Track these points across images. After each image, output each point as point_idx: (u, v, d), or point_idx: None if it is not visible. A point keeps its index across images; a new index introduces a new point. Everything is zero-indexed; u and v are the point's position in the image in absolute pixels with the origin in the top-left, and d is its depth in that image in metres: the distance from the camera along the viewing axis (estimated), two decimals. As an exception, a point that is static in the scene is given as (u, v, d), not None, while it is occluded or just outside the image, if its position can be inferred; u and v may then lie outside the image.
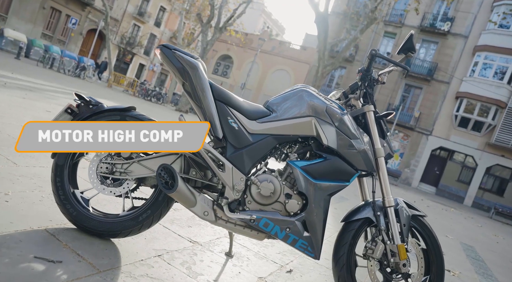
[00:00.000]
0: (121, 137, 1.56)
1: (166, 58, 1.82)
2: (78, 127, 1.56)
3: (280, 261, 2.28)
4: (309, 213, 1.70)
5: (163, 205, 1.78)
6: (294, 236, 1.69)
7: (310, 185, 1.70)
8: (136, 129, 1.58)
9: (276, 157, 1.84)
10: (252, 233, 1.73)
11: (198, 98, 1.79)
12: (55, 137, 1.53)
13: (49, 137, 1.51)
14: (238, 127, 1.77)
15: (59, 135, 1.52)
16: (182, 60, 1.81)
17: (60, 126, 1.55)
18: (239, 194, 1.71)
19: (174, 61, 1.82)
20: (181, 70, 1.80)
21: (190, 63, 1.81)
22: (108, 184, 1.77)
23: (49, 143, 1.50)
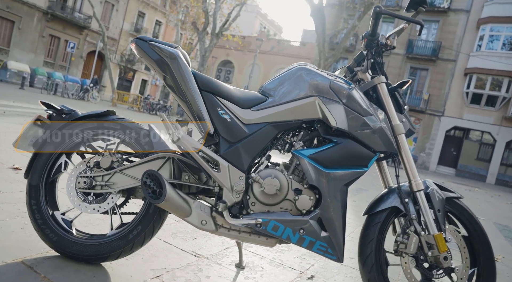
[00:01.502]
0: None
1: (142, 51, 1.59)
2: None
3: (299, 267, 2.02)
4: (325, 208, 1.44)
5: (154, 218, 1.54)
6: (310, 237, 1.44)
7: (321, 176, 1.44)
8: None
9: (279, 148, 1.59)
10: (261, 240, 1.48)
11: (181, 92, 1.55)
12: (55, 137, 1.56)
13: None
14: (231, 118, 1.53)
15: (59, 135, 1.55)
16: (159, 51, 1.58)
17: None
18: (240, 196, 1.46)
19: (150, 53, 1.59)
20: (159, 62, 1.57)
21: (168, 52, 1.57)
22: (90, 201, 1.54)
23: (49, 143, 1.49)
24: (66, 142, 1.61)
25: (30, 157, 1.58)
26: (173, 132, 1.48)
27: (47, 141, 1.59)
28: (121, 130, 1.61)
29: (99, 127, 1.61)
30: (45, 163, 1.58)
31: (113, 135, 1.63)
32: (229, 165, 1.47)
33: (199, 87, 1.56)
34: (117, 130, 1.61)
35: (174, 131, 1.48)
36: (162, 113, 1.50)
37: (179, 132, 1.49)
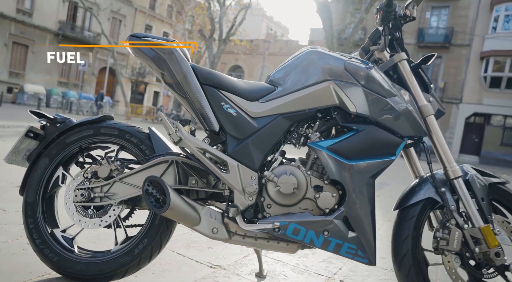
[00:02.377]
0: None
1: (137, 50, 1.47)
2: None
3: (325, 272, 1.84)
4: (350, 205, 1.26)
5: (161, 229, 1.39)
6: (336, 239, 1.26)
7: (344, 169, 1.27)
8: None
9: (294, 142, 1.42)
10: (280, 246, 1.32)
11: (181, 88, 1.41)
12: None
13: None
14: (237, 112, 1.37)
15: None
16: (154, 47, 1.44)
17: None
18: (253, 198, 1.30)
19: (146, 51, 1.46)
20: (155, 59, 1.44)
21: (163, 47, 1.43)
22: (90, 215, 1.41)
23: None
24: (62, 153, 1.48)
25: (25, 172, 1.46)
26: (174, 132, 1.33)
27: (42, 154, 1.47)
28: (119, 135, 1.48)
29: (95, 134, 1.48)
30: (41, 177, 1.46)
31: (111, 141, 1.50)
32: (239, 164, 1.32)
33: (199, 81, 1.41)
34: (115, 135, 1.48)
35: (174, 131, 1.33)
36: (161, 113, 1.36)
37: (181, 132, 1.35)
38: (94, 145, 1.52)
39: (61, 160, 1.49)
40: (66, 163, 1.52)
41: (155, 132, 1.49)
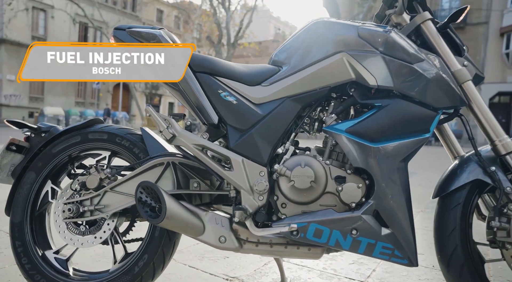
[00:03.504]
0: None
1: (122, 43, 1.30)
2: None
3: (357, 275, 1.61)
4: (381, 197, 1.05)
5: (163, 242, 1.21)
6: (368, 239, 1.05)
7: (369, 154, 1.06)
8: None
9: (307, 129, 1.22)
10: (301, 252, 1.11)
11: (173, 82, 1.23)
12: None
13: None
14: (237, 100, 1.18)
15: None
16: (139, 37, 1.28)
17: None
18: (264, 198, 1.10)
19: (131, 42, 1.29)
20: None
21: (148, 35, 1.27)
22: (83, 232, 1.24)
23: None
24: (49, 165, 1.33)
25: (10, 190, 1.31)
26: (165, 129, 1.15)
27: (27, 168, 1.32)
28: (109, 139, 1.31)
29: (83, 140, 1.32)
30: (28, 194, 1.30)
31: (102, 147, 1.33)
32: (244, 159, 1.12)
33: (191, 69, 1.23)
34: (104, 140, 1.32)
35: (166, 127, 1.15)
36: (148, 107, 1.19)
37: (174, 128, 1.17)
38: (84, 154, 1.36)
39: (49, 173, 1.33)
40: (55, 176, 1.36)
41: (148, 132, 1.31)
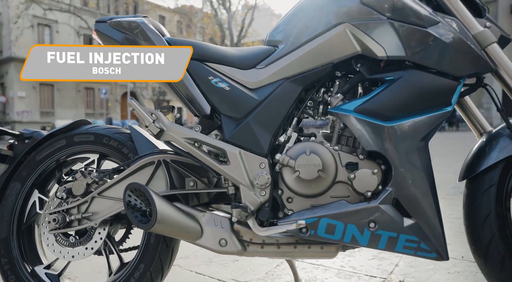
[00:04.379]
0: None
1: (104, 36, 1.20)
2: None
3: (379, 272, 1.47)
4: (400, 183, 0.92)
5: (160, 249, 1.10)
6: (388, 232, 0.91)
7: (383, 135, 0.92)
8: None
9: (311, 113, 1.09)
10: (313, 252, 0.98)
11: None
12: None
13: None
14: (230, 86, 1.06)
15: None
16: (121, 28, 1.17)
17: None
18: (266, 193, 0.98)
19: (113, 34, 1.19)
20: (124, 41, 1.17)
21: (130, 25, 1.16)
22: (72, 244, 1.13)
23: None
24: (34, 173, 1.23)
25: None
26: (151, 123, 1.03)
27: (11, 177, 1.22)
28: (96, 141, 1.20)
29: (69, 144, 1.22)
30: (13, 206, 1.21)
31: (89, 150, 1.23)
32: (241, 151, 1.00)
33: (178, 57, 1.11)
34: (91, 142, 1.21)
35: (152, 121, 1.04)
36: (132, 100, 1.07)
37: (162, 121, 1.05)
38: (71, 159, 1.26)
39: (35, 182, 1.23)
40: (42, 184, 1.26)
41: (137, 130, 1.20)
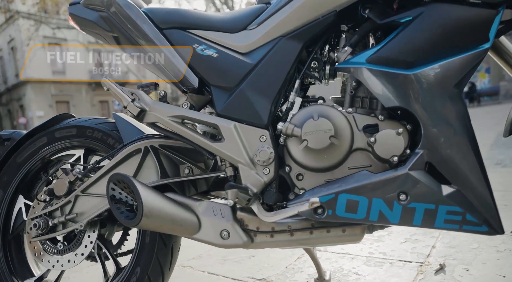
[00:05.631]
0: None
1: (79, 19, 1.08)
2: None
3: (414, 256, 1.29)
4: (433, 142, 0.74)
5: (156, 249, 0.95)
6: (424, 203, 0.74)
7: (406, 85, 0.76)
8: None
9: (317, 76, 0.92)
10: (334, 236, 0.81)
11: (136, 44, 0.98)
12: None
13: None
14: (218, 52, 0.91)
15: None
16: (94, 6, 1.04)
17: None
18: (271, 170, 0.82)
19: (87, 15, 1.06)
20: (99, 20, 1.04)
21: (104, 1, 1.02)
22: (61, 251, 1.00)
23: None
24: (17, 177, 1.11)
25: (-24, 213, 1.09)
26: (130, 102, 0.89)
27: (-8, 184, 1.10)
28: (78, 134, 1.08)
29: (50, 141, 1.10)
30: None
31: (73, 145, 1.10)
32: (236, 124, 0.84)
33: (157, 27, 0.96)
34: (74, 136, 1.08)
35: (131, 101, 0.89)
36: (106, 79, 0.93)
37: (143, 100, 0.90)
38: (55, 157, 1.13)
39: (19, 187, 1.11)
40: (27, 189, 1.13)
41: (122, 117, 1.06)
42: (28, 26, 23.23)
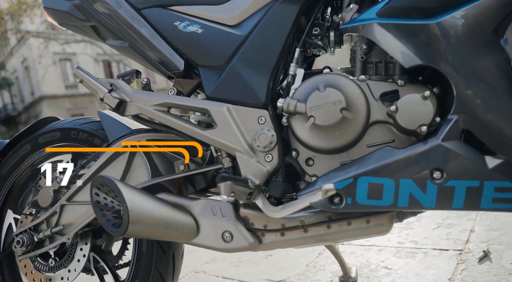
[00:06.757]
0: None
1: (54, 12, 1.00)
2: None
3: (450, 244, 1.15)
4: (468, 104, 0.60)
5: (155, 258, 0.84)
6: (465, 181, 0.60)
7: (428, 38, 0.62)
8: None
9: (320, 44, 0.79)
10: (356, 229, 0.68)
11: (115, 30, 0.87)
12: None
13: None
14: (203, 27, 0.79)
15: None
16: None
17: None
18: (274, 156, 0.69)
19: (61, 6, 0.98)
20: (73, 9, 0.95)
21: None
22: (52, 268, 0.90)
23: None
24: (3, 190, 1.02)
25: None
26: (106, 93, 0.78)
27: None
28: (63, 137, 0.98)
29: (34, 147, 1.00)
30: (-16, 233, 1.00)
31: (59, 150, 0.99)
32: (229, 106, 0.72)
33: (134, 7, 0.85)
34: (58, 140, 0.98)
35: (108, 91, 0.78)
36: (79, 70, 0.82)
37: (122, 90, 0.79)
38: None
39: (6, 201, 1.02)
40: (16, 202, 1.04)
41: (107, 114, 0.96)
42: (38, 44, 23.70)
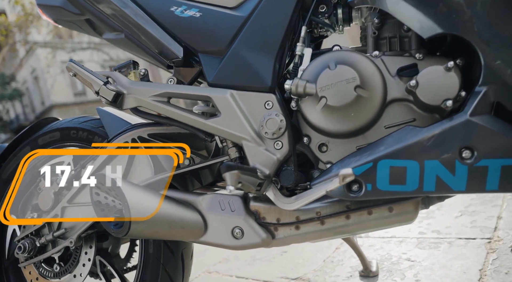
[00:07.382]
0: None
1: (46, 7, 0.95)
2: None
3: (476, 232, 1.08)
4: (498, 73, 0.55)
5: (163, 260, 0.79)
6: (499, 159, 0.54)
7: (449, 3, 0.55)
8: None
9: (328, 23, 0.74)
10: (377, 218, 0.62)
11: (109, 22, 0.83)
12: None
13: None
14: (202, 10, 0.75)
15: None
16: None
17: None
18: (283, 143, 0.64)
19: (54, 1, 0.93)
20: (65, 3, 0.91)
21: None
22: (57, 273, 0.86)
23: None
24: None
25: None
26: (102, 86, 0.73)
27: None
28: (62, 138, 0.94)
29: (34, 149, 0.96)
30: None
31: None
32: (233, 92, 0.67)
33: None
34: (58, 140, 0.94)
35: (103, 83, 0.73)
36: (72, 63, 0.78)
37: (119, 81, 0.74)
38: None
39: (8, 206, 0.98)
40: (19, 207, 1.00)
41: (106, 111, 0.91)
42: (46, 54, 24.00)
